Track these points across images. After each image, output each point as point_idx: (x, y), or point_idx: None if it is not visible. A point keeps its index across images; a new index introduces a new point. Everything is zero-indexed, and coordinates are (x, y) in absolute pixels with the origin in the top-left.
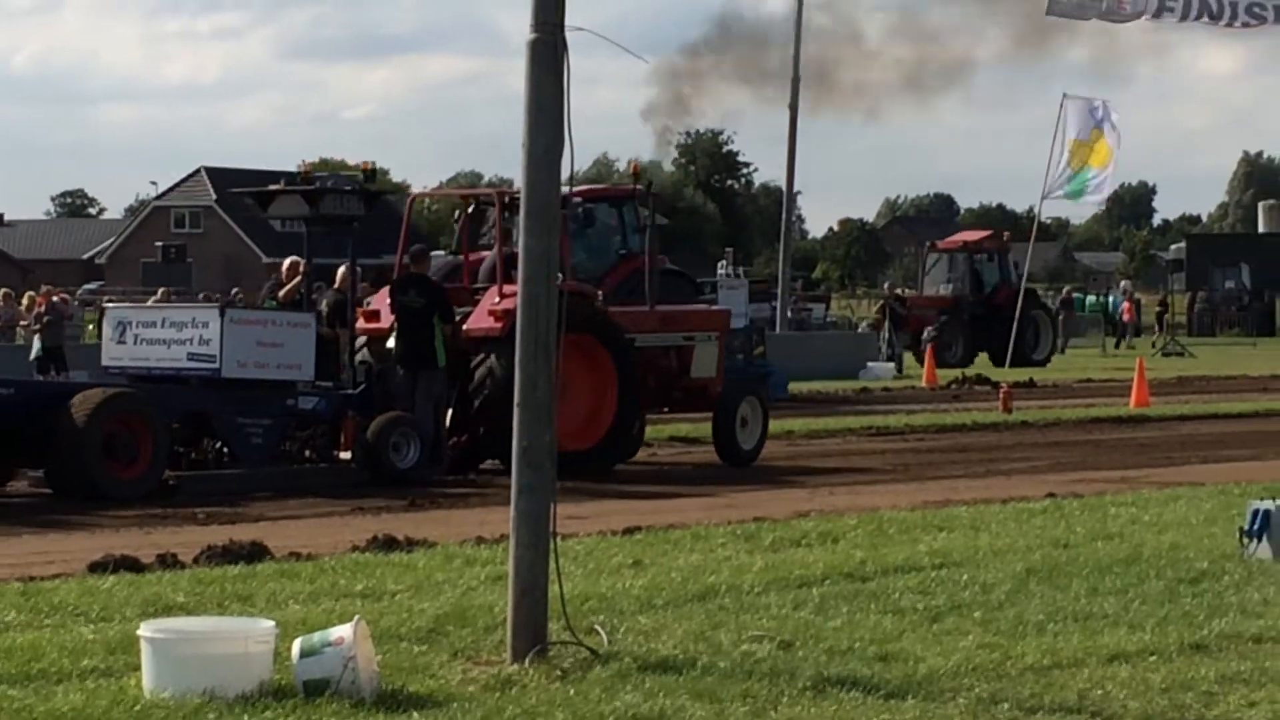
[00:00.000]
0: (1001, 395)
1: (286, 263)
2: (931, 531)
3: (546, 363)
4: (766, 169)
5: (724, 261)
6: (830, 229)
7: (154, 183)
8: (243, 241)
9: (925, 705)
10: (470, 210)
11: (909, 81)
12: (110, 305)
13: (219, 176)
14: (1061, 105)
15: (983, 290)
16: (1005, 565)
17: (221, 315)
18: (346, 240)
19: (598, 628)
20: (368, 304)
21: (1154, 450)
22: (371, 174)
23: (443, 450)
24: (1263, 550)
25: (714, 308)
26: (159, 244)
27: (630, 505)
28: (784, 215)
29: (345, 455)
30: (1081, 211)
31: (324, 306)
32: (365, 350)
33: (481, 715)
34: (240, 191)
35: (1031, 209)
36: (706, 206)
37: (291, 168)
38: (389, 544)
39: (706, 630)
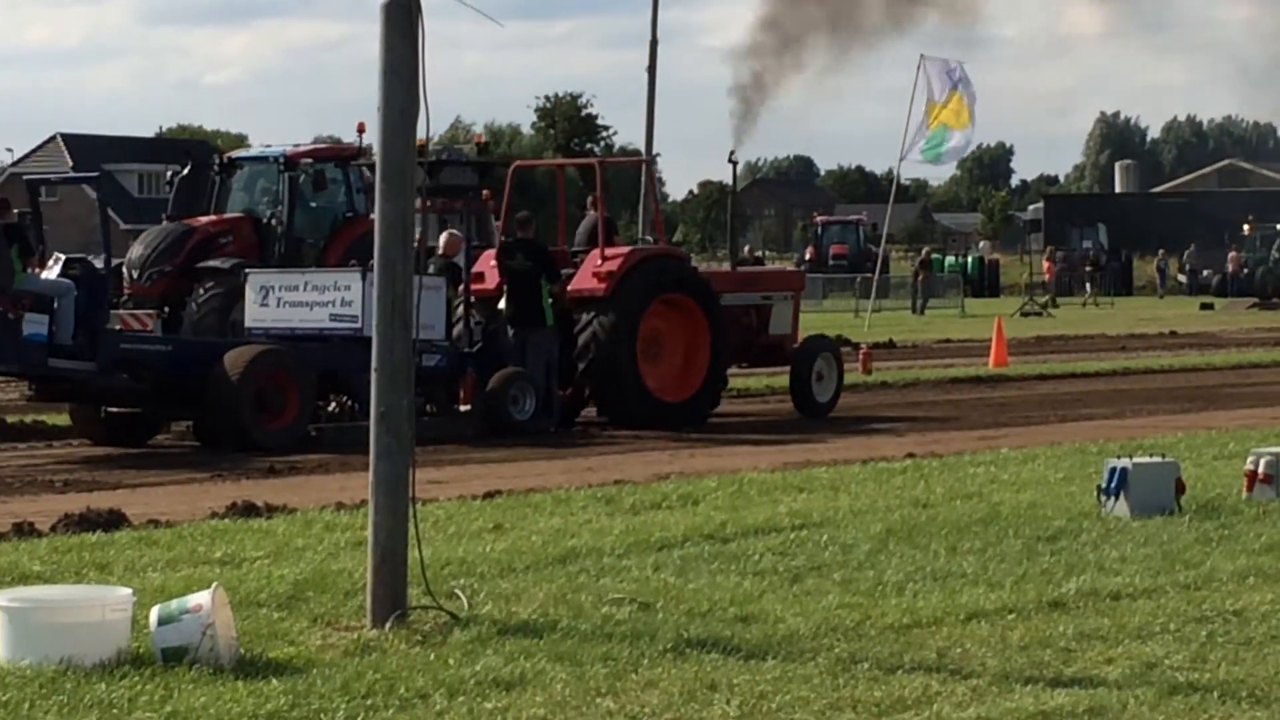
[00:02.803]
0: (861, 356)
1: (446, 234)
2: (792, 492)
3: (404, 327)
4: (626, 132)
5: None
6: (690, 192)
7: (9, 149)
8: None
9: (785, 665)
10: (186, 172)
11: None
12: (252, 272)
13: (76, 143)
14: (919, 67)
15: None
16: (865, 525)
17: (363, 279)
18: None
19: (458, 592)
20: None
21: (1012, 410)
22: (485, 147)
23: (553, 403)
24: (1120, 508)
25: (790, 269)
26: (16, 211)
27: (491, 470)
28: (643, 178)
29: (464, 409)
30: (939, 173)
31: (431, 271)
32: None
33: (341, 681)
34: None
35: (891, 170)
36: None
37: (150, 134)
38: (248, 510)
39: (567, 593)
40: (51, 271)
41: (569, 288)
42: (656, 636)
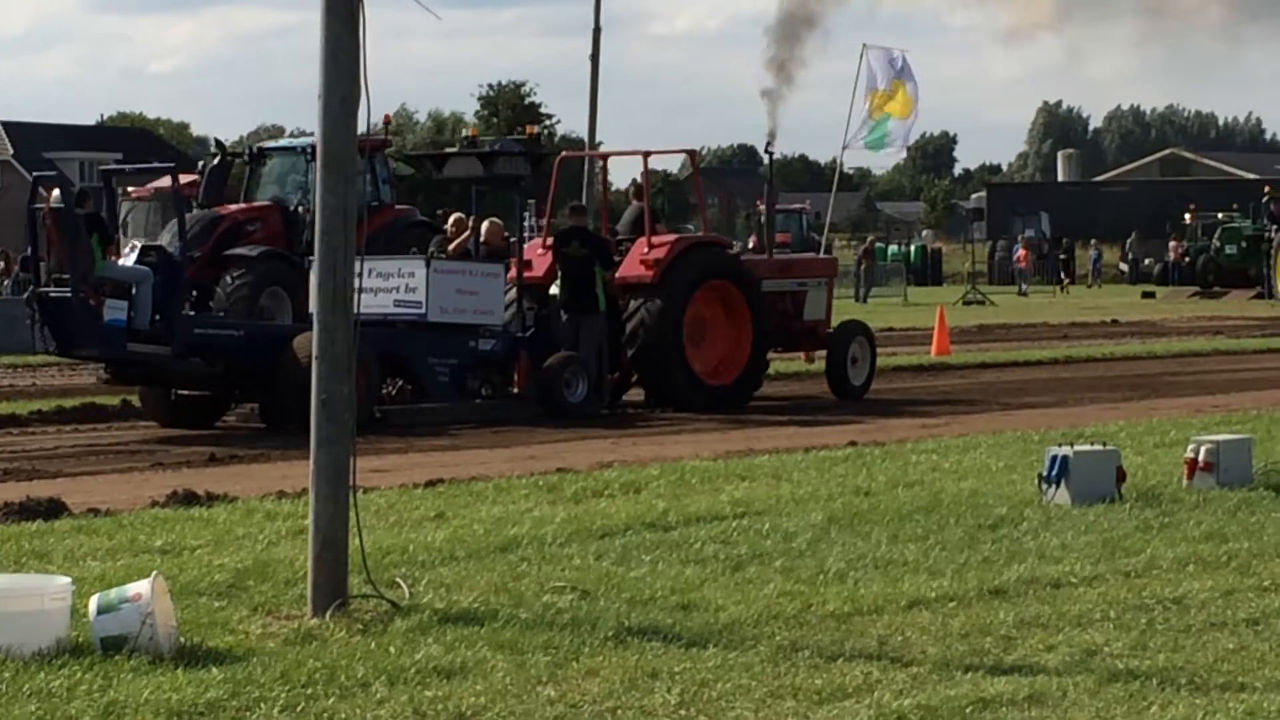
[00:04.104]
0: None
1: (452, 219)
2: (734, 481)
3: (345, 316)
4: (569, 120)
5: (527, 214)
6: (634, 180)
7: None
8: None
9: (726, 653)
10: (217, 162)
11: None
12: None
13: (17, 131)
14: (862, 56)
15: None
16: (806, 513)
17: (427, 266)
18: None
19: (399, 580)
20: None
21: (955, 398)
22: (537, 138)
23: (604, 387)
24: (1061, 496)
25: (824, 256)
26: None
27: (433, 458)
28: (585, 167)
29: (516, 392)
30: (883, 162)
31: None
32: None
33: (281, 670)
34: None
35: (834, 159)
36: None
37: (92, 121)
38: (189, 499)
39: (508, 582)
40: (128, 259)
41: (617, 275)
42: (598, 625)
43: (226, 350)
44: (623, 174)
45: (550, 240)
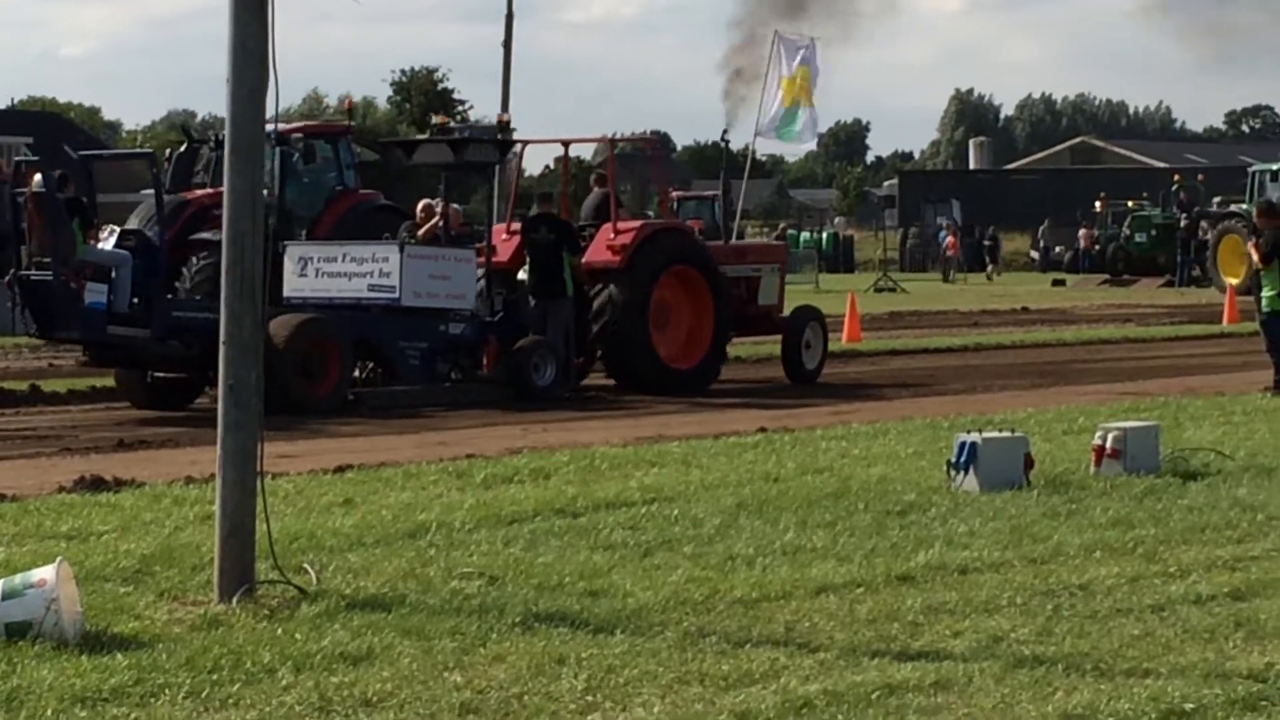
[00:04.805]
0: None
1: (421, 205)
2: (643, 467)
3: (252, 302)
4: (482, 106)
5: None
6: (547, 167)
7: None
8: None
9: (633, 639)
10: (184, 149)
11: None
12: (290, 243)
13: None
14: (773, 42)
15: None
16: (716, 500)
17: (401, 251)
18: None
19: (306, 566)
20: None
21: (865, 384)
22: (506, 125)
23: (572, 370)
24: (969, 482)
25: (776, 242)
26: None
27: (342, 444)
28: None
29: (485, 375)
30: (794, 149)
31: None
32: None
33: (186, 656)
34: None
35: (747, 146)
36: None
37: (2, 105)
38: (96, 484)
39: (416, 568)
40: (107, 243)
41: (584, 260)
42: (505, 611)
43: (204, 333)
44: (536, 161)
45: (514, 226)
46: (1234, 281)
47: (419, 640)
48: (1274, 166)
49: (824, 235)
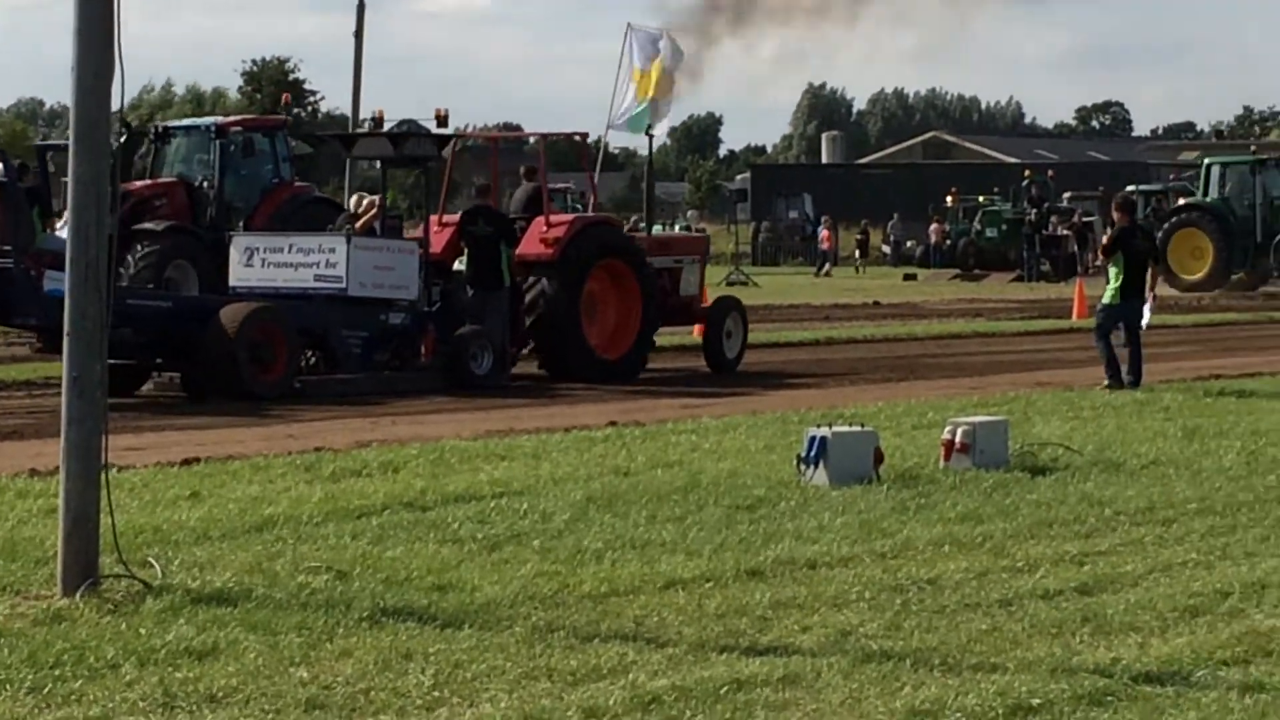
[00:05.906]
0: None
1: (354, 198)
2: (493, 460)
3: (96, 292)
4: (334, 97)
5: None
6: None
7: None
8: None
9: (481, 634)
10: (124, 139)
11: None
12: (236, 234)
13: None
14: (626, 35)
15: None
16: (565, 493)
17: (348, 242)
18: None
19: (151, 560)
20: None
21: (715, 378)
22: (444, 119)
23: (508, 359)
24: (819, 477)
25: (697, 234)
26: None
27: (190, 436)
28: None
29: (423, 363)
30: (643, 141)
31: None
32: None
33: (29, 651)
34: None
35: (600, 139)
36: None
37: None
38: None
39: (263, 562)
40: (64, 231)
41: (517, 252)
42: (352, 605)
43: (156, 320)
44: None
45: (446, 218)
46: (1190, 278)
47: (265, 635)
48: (1230, 159)
49: (676, 228)
